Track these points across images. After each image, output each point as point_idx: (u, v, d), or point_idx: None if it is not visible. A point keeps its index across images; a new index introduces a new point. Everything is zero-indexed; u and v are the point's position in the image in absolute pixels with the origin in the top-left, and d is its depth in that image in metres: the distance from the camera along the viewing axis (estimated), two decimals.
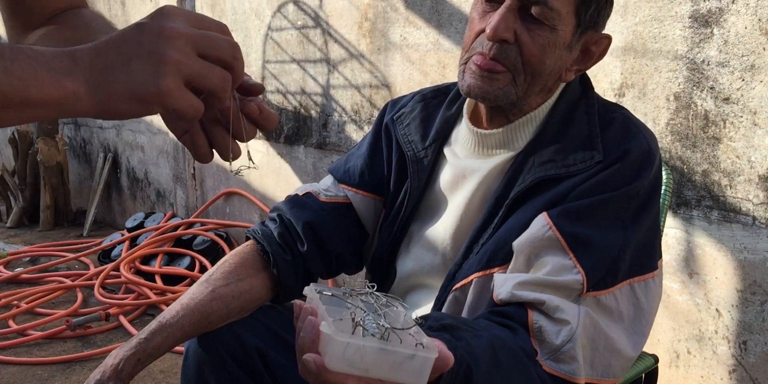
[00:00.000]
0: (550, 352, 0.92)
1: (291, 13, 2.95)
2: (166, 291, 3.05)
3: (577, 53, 1.05)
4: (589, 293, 0.95)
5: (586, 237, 0.96)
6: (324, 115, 2.89)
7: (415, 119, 1.20)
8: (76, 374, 2.40)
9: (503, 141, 1.10)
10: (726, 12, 1.63)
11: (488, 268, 1.01)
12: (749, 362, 1.68)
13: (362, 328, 0.69)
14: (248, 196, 3.36)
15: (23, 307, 2.91)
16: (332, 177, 1.26)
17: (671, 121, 1.76)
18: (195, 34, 0.56)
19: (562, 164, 1.01)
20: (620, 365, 0.97)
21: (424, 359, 0.67)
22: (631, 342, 0.98)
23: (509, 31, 0.98)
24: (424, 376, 0.67)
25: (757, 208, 1.62)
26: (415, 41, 2.45)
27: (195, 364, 1.15)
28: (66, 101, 0.54)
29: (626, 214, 0.98)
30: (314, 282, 1.21)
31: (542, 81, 1.03)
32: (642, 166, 1.00)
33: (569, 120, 1.06)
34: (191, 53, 0.56)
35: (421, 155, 1.16)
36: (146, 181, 4.19)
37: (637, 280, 0.99)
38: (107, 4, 4.19)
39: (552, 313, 0.92)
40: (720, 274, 1.71)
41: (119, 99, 0.55)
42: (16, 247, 4.05)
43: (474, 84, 1.02)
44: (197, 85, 0.58)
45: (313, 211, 1.20)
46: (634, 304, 0.99)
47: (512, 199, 1.03)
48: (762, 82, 1.58)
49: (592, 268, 0.94)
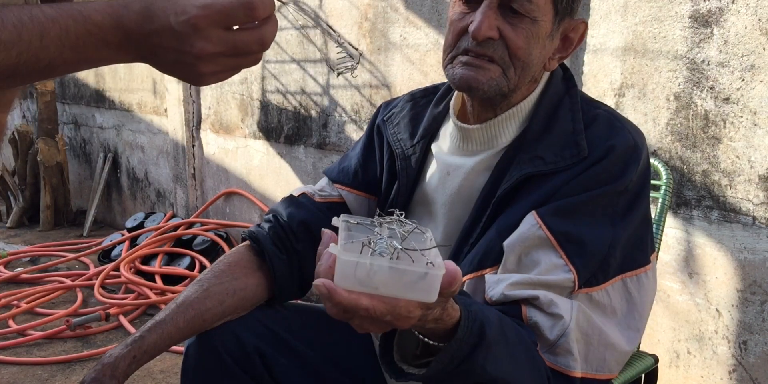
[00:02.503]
0: (545, 347, 0.93)
1: (291, 13, 2.96)
2: (166, 291, 3.04)
3: (558, 42, 1.07)
4: (581, 290, 0.96)
5: (577, 235, 0.96)
6: (324, 115, 2.89)
7: (404, 118, 1.22)
8: (76, 374, 2.40)
9: (488, 136, 1.10)
10: (726, 12, 1.63)
11: (480, 269, 1.01)
12: (749, 362, 1.68)
13: (371, 249, 0.71)
14: (248, 196, 3.36)
15: (23, 307, 2.91)
16: (327, 178, 1.27)
17: (671, 121, 1.76)
18: (224, 51, 0.65)
19: (548, 161, 1.01)
20: (615, 359, 0.98)
21: (432, 276, 0.69)
22: (625, 336, 0.99)
23: (493, 29, 0.99)
24: (433, 292, 0.69)
25: (757, 208, 1.62)
26: (415, 41, 2.45)
27: (195, 364, 1.15)
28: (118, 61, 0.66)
29: (615, 210, 0.99)
30: (309, 281, 1.22)
31: (531, 72, 1.05)
32: (628, 162, 1.00)
33: (553, 117, 1.07)
34: (223, 63, 0.66)
35: (409, 153, 1.17)
36: (146, 181, 4.19)
37: (629, 275, 1.00)
38: None
39: (546, 308, 0.93)
40: (720, 274, 1.71)
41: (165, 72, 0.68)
42: (16, 247, 4.05)
43: (466, 74, 1.02)
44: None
45: (308, 210, 1.21)
46: (627, 300, 1.00)
47: (499, 197, 1.03)
48: (762, 82, 1.58)
49: (583, 266, 0.95)
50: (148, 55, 0.66)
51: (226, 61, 0.66)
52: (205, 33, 0.63)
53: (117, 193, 4.50)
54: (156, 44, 0.64)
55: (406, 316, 0.71)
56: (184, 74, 0.67)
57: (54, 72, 0.65)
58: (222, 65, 0.66)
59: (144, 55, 0.66)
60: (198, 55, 0.64)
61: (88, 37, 0.62)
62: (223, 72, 0.68)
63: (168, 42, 0.64)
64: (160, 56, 0.65)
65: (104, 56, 0.65)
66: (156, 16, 0.64)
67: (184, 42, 0.63)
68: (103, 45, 0.63)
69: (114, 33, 0.63)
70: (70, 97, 4.83)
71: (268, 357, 1.16)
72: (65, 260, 3.67)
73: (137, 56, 0.66)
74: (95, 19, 0.63)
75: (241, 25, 0.66)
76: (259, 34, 0.66)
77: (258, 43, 0.66)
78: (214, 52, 0.64)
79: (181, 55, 0.64)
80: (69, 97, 4.84)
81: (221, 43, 0.64)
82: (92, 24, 0.63)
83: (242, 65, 0.69)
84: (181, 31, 0.63)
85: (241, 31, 0.66)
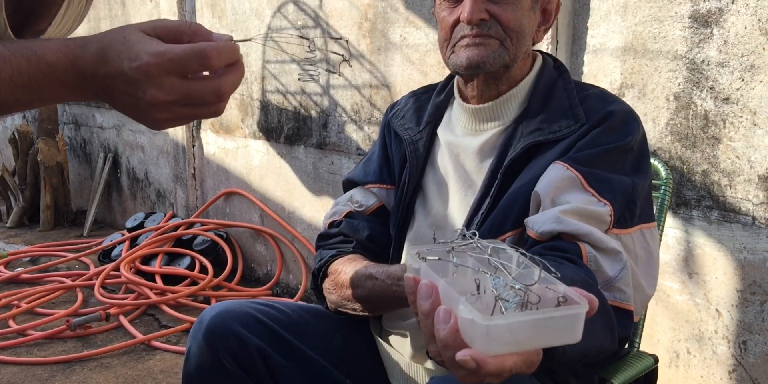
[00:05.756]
0: (603, 283, 0.97)
1: (291, 13, 2.96)
2: (166, 291, 3.05)
3: (539, 14, 1.18)
4: (613, 230, 1.01)
5: (602, 175, 1.03)
6: (324, 115, 2.89)
7: (409, 111, 1.31)
8: (76, 374, 2.40)
9: (494, 114, 1.19)
10: (726, 12, 1.63)
11: (500, 234, 1.07)
12: (749, 362, 1.68)
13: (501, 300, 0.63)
14: (248, 196, 3.36)
15: (23, 307, 2.91)
16: (353, 189, 1.34)
17: (671, 121, 1.76)
18: (177, 99, 0.64)
19: (549, 130, 1.11)
20: (641, 301, 1.05)
21: (576, 316, 0.62)
22: (646, 282, 1.05)
23: (483, 11, 1.10)
24: (579, 331, 0.62)
25: (757, 208, 1.62)
26: (415, 41, 2.45)
27: (196, 364, 1.15)
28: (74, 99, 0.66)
29: (624, 165, 1.07)
30: None
31: (525, 42, 1.15)
32: (628, 123, 1.10)
33: (550, 97, 1.16)
34: (178, 112, 0.65)
35: (416, 138, 1.26)
36: (146, 181, 4.19)
37: (646, 226, 1.08)
38: (108, 3, 4.20)
39: (599, 244, 0.97)
40: (720, 274, 1.71)
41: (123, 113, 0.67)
42: (16, 247, 4.05)
43: (471, 53, 1.12)
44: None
45: (368, 226, 1.27)
46: (645, 249, 1.06)
47: (506, 167, 1.11)
48: (762, 82, 1.58)
49: (614, 200, 1.02)
50: (104, 96, 0.66)
51: (181, 110, 0.65)
52: (158, 81, 0.63)
53: (117, 193, 4.50)
54: (110, 86, 0.64)
55: (535, 361, 0.65)
56: (139, 118, 0.67)
57: (7, 110, 0.65)
58: (176, 113, 0.65)
59: (100, 96, 0.66)
60: (151, 102, 0.64)
61: (42, 77, 0.62)
62: (179, 120, 0.67)
63: (121, 86, 0.64)
64: (116, 98, 0.65)
65: (60, 95, 0.65)
66: (111, 59, 0.63)
67: (137, 88, 0.63)
68: (58, 85, 0.63)
69: (69, 72, 0.63)
70: None
71: (270, 357, 1.16)
72: (65, 260, 3.67)
73: (94, 96, 0.66)
74: (50, 59, 0.62)
75: (195, 74, 0.65)
76: (215, 84, 0.65)
77: (214, 94, 0.65)
78: (166, 100, 0.64)
79: (134, 99, 0.64)
80: None
81: (174, 91, 0.63)
82: (46, 64, 0.62)
83: (199, 114, 0.67)
84: (133, 77, 0.63)
85: (195, 81, 0.65)
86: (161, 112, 0.65)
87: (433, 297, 0.66)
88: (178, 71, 0.63)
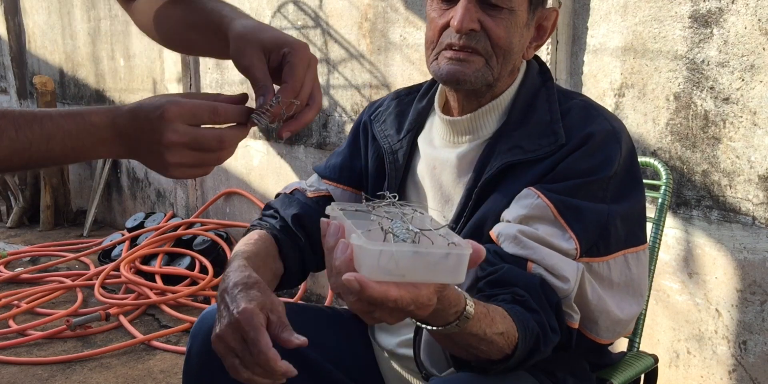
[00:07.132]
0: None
1: (291, 13, 2.96)
2: (166, 291, 3.05)
3: (533, 30, 1.12)
4: (583, 259, 0.99)
5: (574, 203, 1.00)
6: (324, 115, 2.89)
7: (390, 115, 1.26)
8: (76, 374, 2.40)
9: (471, 128, 1.14)
10: (726, 12, 1.63)
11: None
12: (749, 362, 1.68)
13: (392, 235, 0.69)
14: (248, 196, 3.36)
15: (23, 307, 2.91)
16: (316, 174, 1.32)
17: (671, 121, 1.76)
18: (187, 142, 0.75)
19: (526, 149, 1.05)
20: (606, 326, 1.02)
21: (459, 256, 0.67)
22: (618, 306, 1.03)
23: (475, 21, 1.04)
24: (461, 272, 0.68)
25: (757, 208, 1.62)
26: (415, 41, 2.45)
27: (197, 364, 1.15)
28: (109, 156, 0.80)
29: (605, 193, 1.03)
30: (307, 276, 1.25)
31: (512, 60, 1.09)
32: (609, 145, 1.04)
33: (531, 109, 1.11)
34: (186, 155, 0.76)
35: (396, 147, 1.22)
36: (146, 181, 4.19)
37: (631, 251, 1.04)
38: (108, 3, 4.20)
39: (551, 269, 0.96)
40: (720, 274, 1.71)
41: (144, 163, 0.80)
42: (16, 247, 4.05)
43: (452, 69, 1.07)
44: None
45: (300, 205, 1.24)
46: (626, 275, 1.04)
47: (481, 187, 1.07)
48: (762, 82, 1.58)
49: (583, 231, 0.99)
50: (133, 148, 0.77)
51: (190, 154, 0.76)
52: (173, 125, 0.74)
53: (117, 193, 4.50)
54: (138, 137, 0.76)
55: (426, 304, 0.71)
56: (155, 164, 0.78)
57: (57, 165, 0.82)
58: (186, 157, 0.76)
59: (130, 149, 0.77)
60: (165, 144, 0.74)
61: (87, 136, 0.75)
62: (188, 167, 0.77)
63: (145, 134, 0.75)
64: (141, 147, 0.76)
65: (99, 151, 0.77)
66: (141, 111, 0.76)
67: (156, 131, 0.74)
68: (99, 142, 0.76)
69: (108, 130, 0.76)
70: (71, 97, 4.83)
71: None
72: (65, 260, 3.67)
73: (125, 151, 0.77)
74: (94, 120, 0.75)
75: (205, 124, 0.77)
76: (219, 132, 0.77)
77: (217, 140, 0.76)
78: (178, 142, 0.74)
79: (152, 144, 0.75)
80: (69, 97, 4.84)
81: (185, 134, 0.75)
82: (90, 124, 0.75)
83: (205, 161, 0.78)
84: (154, 122, 0.75)
85: (204, 128, 0.77)
86: (173, 156, 0.75)
87: (339, 235, 0.74)
88: (192, 119, 0.76)
